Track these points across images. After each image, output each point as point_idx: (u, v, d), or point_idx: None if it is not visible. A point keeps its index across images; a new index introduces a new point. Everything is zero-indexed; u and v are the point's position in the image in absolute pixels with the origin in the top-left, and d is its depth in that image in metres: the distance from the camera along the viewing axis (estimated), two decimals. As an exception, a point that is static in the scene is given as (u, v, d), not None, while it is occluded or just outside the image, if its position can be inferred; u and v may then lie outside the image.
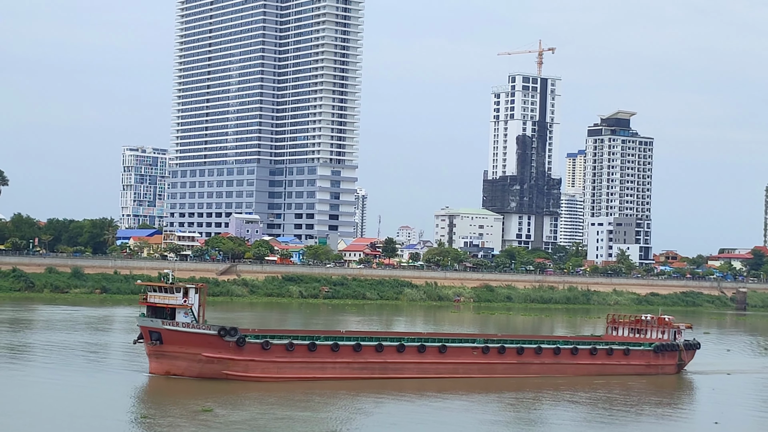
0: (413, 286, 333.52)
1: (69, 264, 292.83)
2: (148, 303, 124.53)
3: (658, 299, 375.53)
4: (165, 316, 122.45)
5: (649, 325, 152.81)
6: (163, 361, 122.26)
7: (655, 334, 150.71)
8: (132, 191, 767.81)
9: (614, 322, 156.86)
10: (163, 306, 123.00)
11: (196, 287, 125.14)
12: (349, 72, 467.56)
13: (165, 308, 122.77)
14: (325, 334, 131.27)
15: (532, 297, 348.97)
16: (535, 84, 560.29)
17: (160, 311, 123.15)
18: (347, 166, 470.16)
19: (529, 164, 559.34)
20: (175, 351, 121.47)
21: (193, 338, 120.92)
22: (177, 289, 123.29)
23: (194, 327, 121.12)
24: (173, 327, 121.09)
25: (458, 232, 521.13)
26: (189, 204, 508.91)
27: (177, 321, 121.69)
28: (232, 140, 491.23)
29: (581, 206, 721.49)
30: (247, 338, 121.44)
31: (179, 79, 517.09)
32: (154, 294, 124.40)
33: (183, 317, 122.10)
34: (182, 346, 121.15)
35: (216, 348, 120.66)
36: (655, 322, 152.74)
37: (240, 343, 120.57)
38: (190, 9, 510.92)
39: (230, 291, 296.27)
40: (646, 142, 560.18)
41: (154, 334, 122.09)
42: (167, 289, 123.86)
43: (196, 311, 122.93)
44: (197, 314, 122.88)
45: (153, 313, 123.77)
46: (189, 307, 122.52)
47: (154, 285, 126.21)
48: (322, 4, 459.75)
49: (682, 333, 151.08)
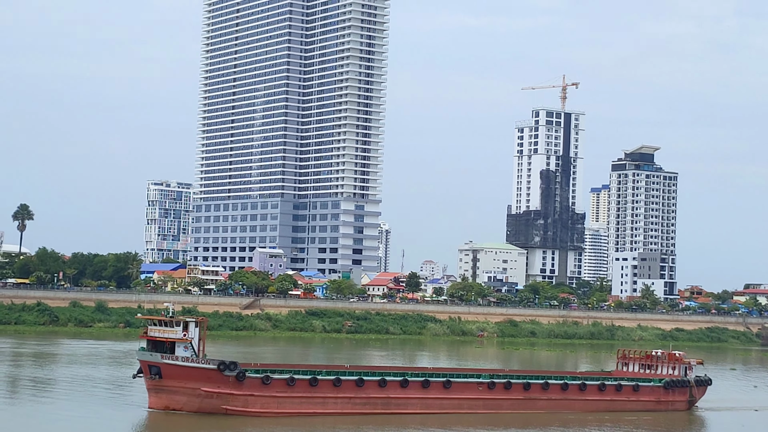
0: (437, 320, 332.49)
1: (93, 298, 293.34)
2: (148, 337, 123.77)
3: (683, 335, 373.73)
4: (165, 350, 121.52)
5: (659, 360, 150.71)
6: (162, 395, 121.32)
7: (666, 370, 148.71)
8: (156, 225, 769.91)
9: (624, 357, 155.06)
10: (162, 340, 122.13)
11: (196, 321, 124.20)
12: (372, 106, 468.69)
13: (165, 342, 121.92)
14: (328, 369, 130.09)
15: (556, 332, 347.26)
16: (559, 119, 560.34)
17: (160, 345, 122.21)
18: (371, 201, 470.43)
19: (552, 199, 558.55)
20: (175, 385, 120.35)
21: (193, 372, 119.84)
22: (177, 322, 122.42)
23: (193, 361, 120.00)
24: (172, 361, 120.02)
25: (482, 266, 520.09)
26: (213, 238, 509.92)
27: (176, 355, 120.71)
28: (256, 174, 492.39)
29: (605, 241, 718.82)
30: (247, 373, 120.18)
31: (204, 114, 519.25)
32: (153, 328, 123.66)
33: (182, 351, 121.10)
34: (181, 381, 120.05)
35: (215, 382, 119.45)
36: (665, 358, 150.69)
37: (240, 377, 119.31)
38: (215, 44, 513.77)
39: (253, 325, 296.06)
40: (671, 176, 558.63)
41: (154, 368, 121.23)
42: (167, 323, 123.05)
43: (196, 345, 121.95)
44: (197, 348, 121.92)
45: (153, 347, 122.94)
46: (189, 341, 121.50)
47: (154, 319, 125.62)
48: (347, 39, 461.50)
49: (693, 369, 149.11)
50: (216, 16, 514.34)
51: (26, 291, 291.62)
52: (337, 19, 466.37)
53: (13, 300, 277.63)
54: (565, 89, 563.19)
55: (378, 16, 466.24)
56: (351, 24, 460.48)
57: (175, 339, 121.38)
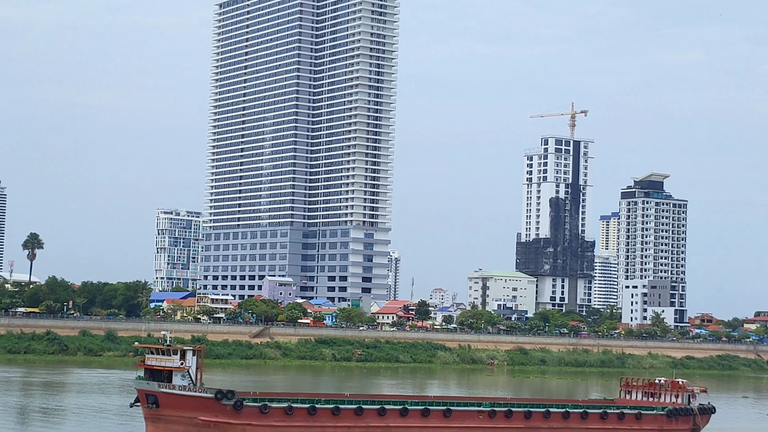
0: (446, 348, 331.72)
1: (103, 327, 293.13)
2: (145, 365, 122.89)
3: (694, 363, 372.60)
4: (162, 378, 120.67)
5: (662, 388, 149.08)
6: (160, 425, 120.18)
7: (669, 398, 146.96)
8: (166, 254, 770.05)
9: (627, 385, 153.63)
10: (160, 368, 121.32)
11: (194, 349, 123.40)
12: (381, 134, 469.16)
13: (162, 371, 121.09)
14: (327, 398, 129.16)
15: (566, 360, 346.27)
16: (568, 146, 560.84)
17: (157, 374, 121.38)
18: (380, 229, 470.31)
19: (562, 226, 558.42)
20: (172, 414, 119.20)
21: (190, 401, 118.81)
22: (174, 351, 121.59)
23: (191, 390, 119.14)
24: (169, 390, 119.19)
25: (492, 294, 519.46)
26: (222, 267, 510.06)
27: (174, 384, 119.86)
28: (266, 203, 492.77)
29: (615, 269, 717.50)
30: (244, 401, 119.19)
31: (213, 143, 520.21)
32: (151, 356, 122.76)
33: (180, 380, 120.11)
34: (179, 410, 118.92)
35: (213, 411, 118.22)
36: (668, 386, 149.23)
37: (237, 406, 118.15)
38: (224, 73, 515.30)
39: (263, 354, 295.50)
40: (680, 204, 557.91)
41: (151, 397, 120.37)
42: (164, 351, 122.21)
43: (193, 374, 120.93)
44: (195, 377, 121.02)
45: (150, 375, 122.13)
46: (186, 370, 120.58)
47: (151, 347, 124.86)
48: (355, 67, 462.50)
49: (696, 397, 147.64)
50: (225, 45, 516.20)
51: (36, 320, 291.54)
52: (345, 48, 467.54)
53: (22, 329, 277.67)
54: (573, 117, 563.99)
55: (387, 44, 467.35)
56: (360, 52, 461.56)
57: (173, 367, 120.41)
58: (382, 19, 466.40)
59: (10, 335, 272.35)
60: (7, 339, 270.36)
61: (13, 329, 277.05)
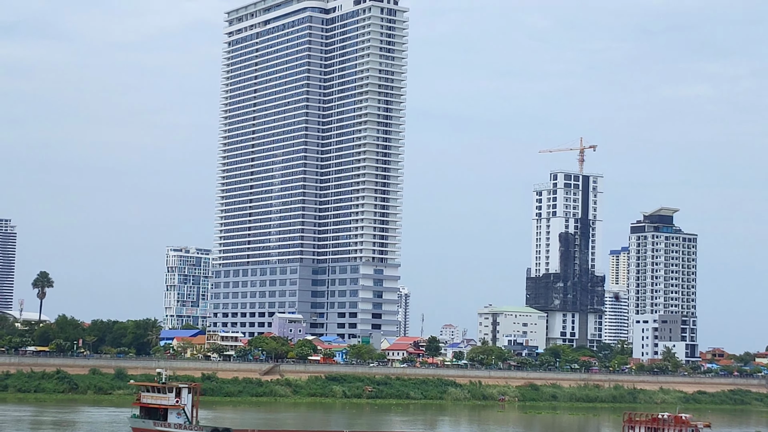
0: (457, 385, 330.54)
1: (113, 365, 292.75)
2: (140, 404, 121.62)
3: (706, 397, 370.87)
4: (158, 416, 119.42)
5: (666, 423, 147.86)
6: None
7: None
8: (176, 291, 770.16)
9: (631, 420, 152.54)
10: (155, 406, 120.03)
11: (189, 387, 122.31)
12: (390, 170, 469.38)
13: (158, 409, 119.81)
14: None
15: (577, 396, 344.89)
16: (577, 181, 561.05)
17: (153, 412, 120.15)
18: (390, 265, 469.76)
19: (572, 261, 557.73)
20: None
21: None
22: (169, 389, 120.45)
23: (186, 428, 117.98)
24: (165, 428, 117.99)
25: (502, 330, 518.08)
26: (232, 304, 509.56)
27: (169, 422, 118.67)
28: (275, 240, 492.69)
29: (626, 303, 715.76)
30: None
31: (222, 180, 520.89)
32: (146, 394, 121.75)
33: (175, 418, 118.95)
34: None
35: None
36: (672, 421, 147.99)
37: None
38: (233, 111, 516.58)
39: (273, 391, 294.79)
40: (690, 238, 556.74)
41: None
42: (159, 389, 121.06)
43: (189, 412, 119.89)
44: (190, 415, 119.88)
45: (146, 413, 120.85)
46: (182, 408, 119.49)
47: (147, 385, 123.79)
48: (364, 103, 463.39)
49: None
50: (234, 82, 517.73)
51: (46, 359, 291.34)
52: (354, 85, 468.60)
53: (32, 368, 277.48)
54: (582, 152, 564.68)
55: (395, 80, 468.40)
56: (368, 89, 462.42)
57: (168, 405, 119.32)
58: (390, 56, 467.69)
59: (21, 374, 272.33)
60: (17, 378, 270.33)
61: (23, 368, 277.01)
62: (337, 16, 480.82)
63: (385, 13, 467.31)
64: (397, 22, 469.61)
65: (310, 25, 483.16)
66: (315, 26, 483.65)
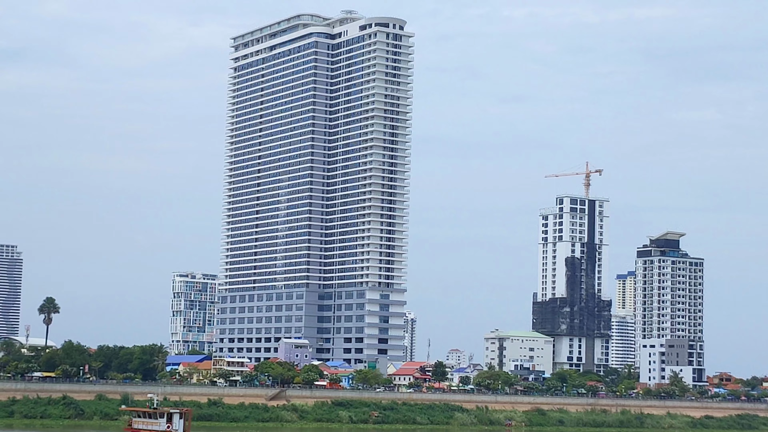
0: (464, 410, 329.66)
1: (119, 391, 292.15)
2: (132, 429, 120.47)
3: (713, 422, 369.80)
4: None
5: None
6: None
7: None
8: (182, 317, 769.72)
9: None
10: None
11: (181, 412, 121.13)
12: (396, 195, 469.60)
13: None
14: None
15: (584, 421, 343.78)
16: (583, 206, 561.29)
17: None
18: (396, 290, 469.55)
19: (578, 286, 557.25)
20: None
21: None
22: (161, 414, 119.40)
23: None
24: None
25: (508, 354, 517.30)
26: (238, 329, 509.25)
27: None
28: (281, 265, 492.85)
29: (632, 328, 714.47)
30: None
31: (228, 205, 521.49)
32: (137, 419, 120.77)
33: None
34: None
35: None
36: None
37: None
38: (239, 136, 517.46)
39: (279, 417, 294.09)
40: (697, 262, 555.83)
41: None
42: (150, 415, 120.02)
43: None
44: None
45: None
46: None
47: (138, 410, 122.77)
48: (370, 129, 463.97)
49: None
50: (240, 108, 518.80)
51: (52, 384, 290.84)
52: (360, 110, 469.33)
53: (39, 394, 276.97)
54: (588, 176, 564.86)
55: (401, 106, 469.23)
56: (374, 114, 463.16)
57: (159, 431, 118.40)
58: (395, 81, 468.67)
59: (27, 400, 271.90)
60: (23, 404, 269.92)
61: (29, 394, 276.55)
62: (343, 42, 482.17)
63: (391, 39, 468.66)
64: (402, 47, 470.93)
65: (316, 50, 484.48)
66: (321, 51, 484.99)
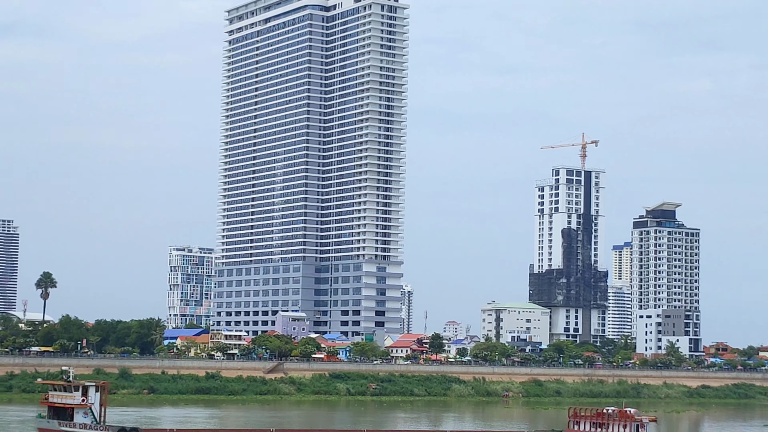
0: (461, 381, 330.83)
1: (116, 365, 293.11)
2: (48, 403, 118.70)
3: (710, 392, 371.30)
4: (66, 416, 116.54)
5: (610, 418, 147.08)
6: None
7: (617, 428, 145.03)
8: (179, 291, 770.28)
9: (576, 415, 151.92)
10: (62, 406, 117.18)
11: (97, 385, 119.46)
12: (392, 168, 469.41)
13: (65, 408, 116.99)
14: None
15: (581, 391, 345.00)
16: (579, 177, 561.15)
17: (61, 411, 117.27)
18: (392, 263, 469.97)
19: (575, 257, 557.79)
20: None
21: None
22: (75, 387, 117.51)
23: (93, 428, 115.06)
24: (70, 429, 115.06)
25: (505, 326, 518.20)
26: (236, 303, 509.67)
27: (75, 422, 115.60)
28: (278, 238, 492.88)
29: (629, 298, 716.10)
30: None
31: (224, 179, 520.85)
32: (54, 393, 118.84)
33: (82, 418, 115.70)
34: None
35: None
36: (617, 416, 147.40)
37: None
38: (234, 109, 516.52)
39: (277, 389, 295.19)
40: (693, 233, 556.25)
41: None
42: (66, 388, 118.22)
43: (96, 411, 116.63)
44: (98, 414, 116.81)
45: (55, 413, 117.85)
46: (88, 407, 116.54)
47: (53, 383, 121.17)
48: (365, 102, 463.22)
49: (645, 426, 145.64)
50: (235, 81, 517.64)
51: (50, 359, 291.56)
52: (355, 83, 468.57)
53: (37, 368, 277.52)
54: (584, 147, 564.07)
55: (396, 78, 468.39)
56: (369, 86, 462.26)
57: (74, 405, 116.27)
58: (390, 53, 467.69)
59: (25, 374, 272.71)
60: (21, 378, 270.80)
61: (27, 368, 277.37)
62: (338, 14, 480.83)
63: (386, 11, 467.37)
64: (397, 19, 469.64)
65: (311, 23, 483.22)
66: (315, 24, 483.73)
